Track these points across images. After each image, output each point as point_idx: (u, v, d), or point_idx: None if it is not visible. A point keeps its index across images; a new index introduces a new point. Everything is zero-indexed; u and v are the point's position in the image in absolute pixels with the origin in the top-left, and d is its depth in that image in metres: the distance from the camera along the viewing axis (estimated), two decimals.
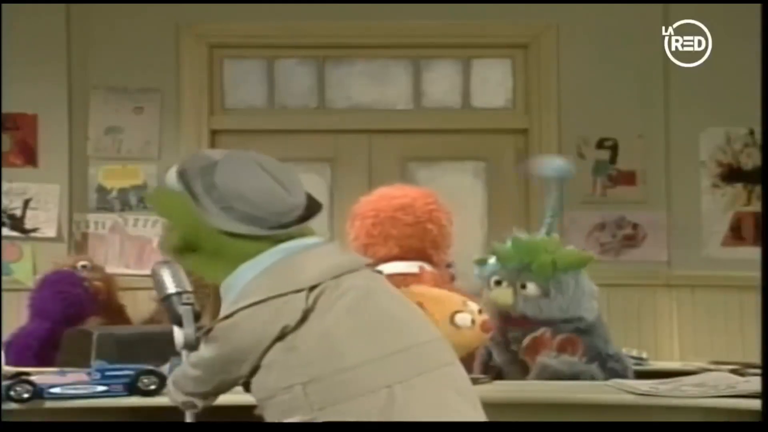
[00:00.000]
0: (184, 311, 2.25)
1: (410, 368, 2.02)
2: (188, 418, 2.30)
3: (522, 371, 3.18)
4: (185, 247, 2.20)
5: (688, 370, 3.32)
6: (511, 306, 3.21)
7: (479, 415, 2.09)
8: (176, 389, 2.26)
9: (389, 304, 2.13)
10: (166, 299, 2.30)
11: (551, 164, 3.66)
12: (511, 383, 3.09)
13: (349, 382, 1.98)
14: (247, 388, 2.15)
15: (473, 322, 3.06)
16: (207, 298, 3.86)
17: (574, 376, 3.05)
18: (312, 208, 2.19)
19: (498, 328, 3.22)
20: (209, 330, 2.12)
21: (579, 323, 3.23)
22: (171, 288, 2.29)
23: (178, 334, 2.26)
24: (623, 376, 3.14)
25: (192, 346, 2.23)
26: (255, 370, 2.07)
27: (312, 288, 2.04)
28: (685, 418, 2.71)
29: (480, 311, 3.11)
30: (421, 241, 3.42)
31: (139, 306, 5.14)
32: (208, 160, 2.20)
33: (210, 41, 5.60)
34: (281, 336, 2.02)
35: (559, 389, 2.98)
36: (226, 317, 2.07)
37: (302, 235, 2.16)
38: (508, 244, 3.36)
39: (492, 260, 3.39)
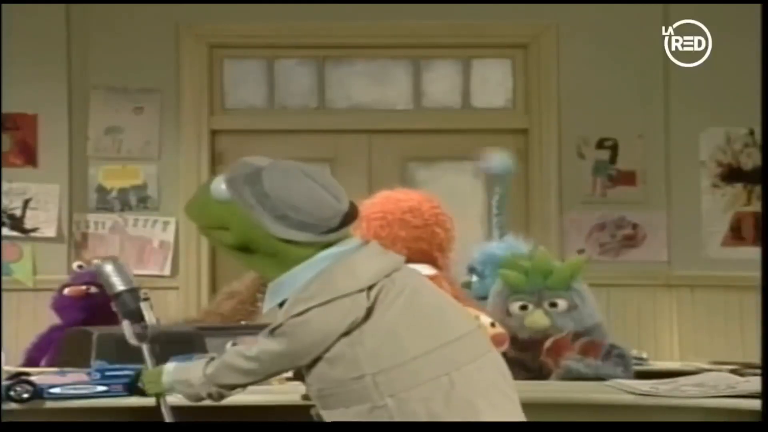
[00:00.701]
0: (145, 306, 2.46)
1: (463, 356, 2.21)
2: (166, 415, 2.43)
3: (527, 374, 3.19)
4: (241, 248, 2.31)
5: (687, 370, 3.32)
6: (550, 327, 3.23)
7: (517, 397, 2.29)
8: (208, 381, 2.32)
9: (435, 298, 2.32)
10: (118, 296, 2.48)
11: (493, 160, 3.67)
12: None
13: (414, 372, 2.16)
14: (300, 378, 2.32)
15: None
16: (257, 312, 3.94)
17: (599, 380, 3.08)
18: (351, 212, 2.33)
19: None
20: (278, 326, 2.22)
21: (600, 326, 3.27)
22: (120, 285, 2.48)
23: (131, 329, 2.46)
24: (628, 361, 3.19)
25: (153, 339, 2.46)
26: (313, 362, 2.22)
27: (370, 287, 2.22)
28: (685, 418, 2.71)
29: (493, 324, 3.11)
30: (429, 245, 3.44)
31: None
32: (252, 167, 2.31)
33: (210, 41, 5.61)
34: (347, 332, 2.19)
35: (559, 389, 2.98)
36: (298, 315, 2.20)
37: (344, 237, 2.31)
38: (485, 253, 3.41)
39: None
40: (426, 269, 3.35)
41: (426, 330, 2.21)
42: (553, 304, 3.25)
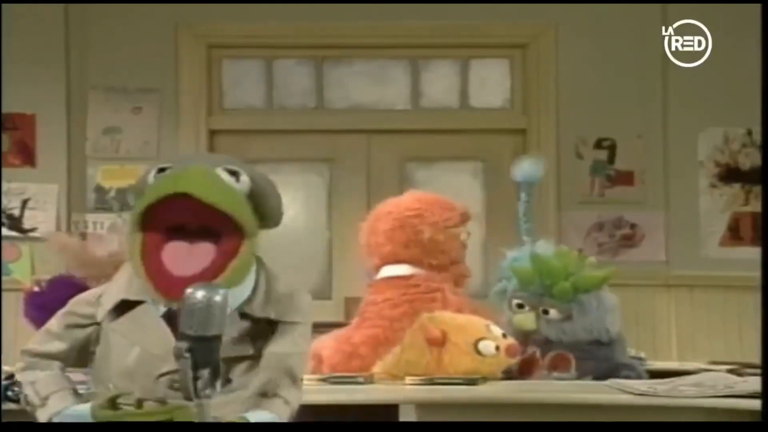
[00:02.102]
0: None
1: None
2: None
3: None
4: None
5: (686, 370, 3.32)
6: (535, 331, 3.22)
7: None
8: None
9: None
10: (214, 340, 1.93)
11: (519, 167, 3.69)
12: (510, 383, 3.10)
13: None
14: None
15: (497, 348, 3.07)
16: None
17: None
18: None
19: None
20: (296, 321, 2.17)
21: (603, 338, 3.24)
22: (222, 327, 1.95)
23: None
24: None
25: None
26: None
27: None
28: (684, 418, 2.71)
29: (504, 335, 3.12)
30: (394, 246, 3.49)
31: None
32: (229, 159, 2.19)
33: (209, 41, 5.61)
34: None
35: (559, 389, 2.98)
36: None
37: None
38: (519, 257, 3.40)
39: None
40: (398, 269, 3.42)
41: None
42: (546, 312, 3.23)
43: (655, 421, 2.73)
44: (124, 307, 2.14)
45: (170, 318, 2.09)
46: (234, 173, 2.10)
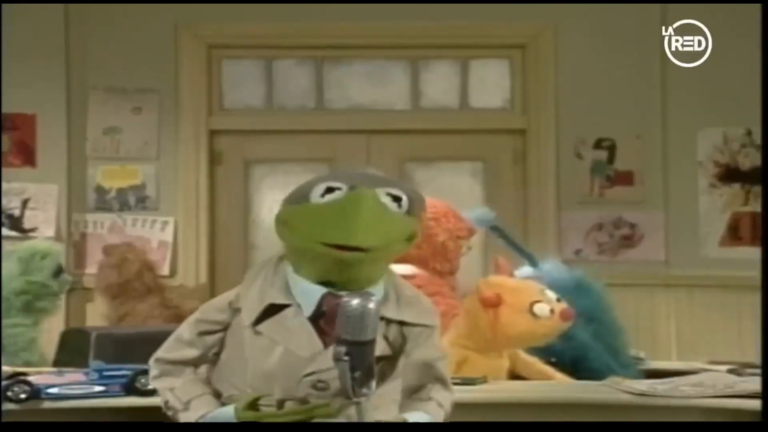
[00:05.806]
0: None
1: None
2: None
3: None
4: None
5: (685, 370, 3.32)
6: None
7: None
8: None
9: None
10: (368, 344, 2.07)
11: (475, 218, 3.72)
12: (509, 383, 3.10)
13: None
14: None
15: (552, 311, 3.08)
16: None
17: None
18: None
19: None
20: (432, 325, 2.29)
21: None
22: (375, 332, 2.08)
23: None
24: None
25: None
26: None
27: None
28: (684, 418, 2.72)
29: (558, 299, 3.14)
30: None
31: None
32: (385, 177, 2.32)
33: (209, 41, 5.61)
34: None
35: (558, 389, 2.98)
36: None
37: None
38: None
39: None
40: (401, 268, 3.45)
41: None
42: None
43: (655, 421, 2.73)
44: (266, 311, 2.20)
45: (315, 320, 2.18)
46: (397, 199, 2.19)
